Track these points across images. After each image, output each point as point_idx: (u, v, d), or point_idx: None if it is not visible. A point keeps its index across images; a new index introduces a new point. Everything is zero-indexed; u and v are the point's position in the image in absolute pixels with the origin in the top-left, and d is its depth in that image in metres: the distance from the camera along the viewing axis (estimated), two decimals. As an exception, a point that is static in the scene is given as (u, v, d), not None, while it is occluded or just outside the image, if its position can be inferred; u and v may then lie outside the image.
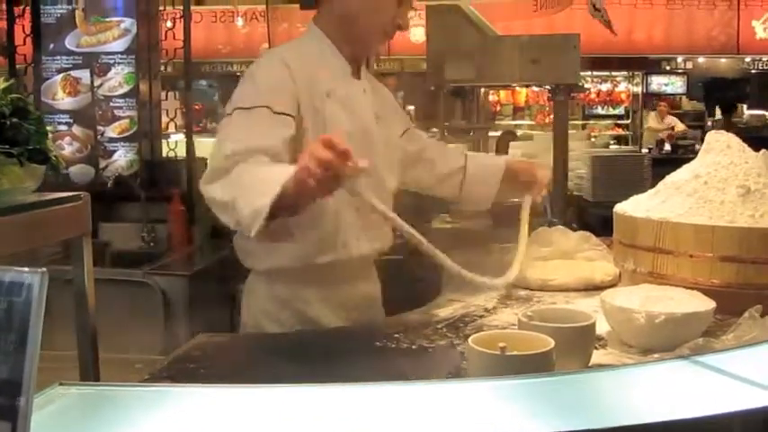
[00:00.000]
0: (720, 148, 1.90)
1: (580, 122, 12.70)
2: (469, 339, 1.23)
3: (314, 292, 1.93)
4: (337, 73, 1.96)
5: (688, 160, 1.99)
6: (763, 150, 1.90)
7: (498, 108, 12.64)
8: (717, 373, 1.18)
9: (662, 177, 2.00)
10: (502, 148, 6.48)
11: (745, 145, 1.92)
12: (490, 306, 1.90)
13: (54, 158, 1.42)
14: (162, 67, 4.35)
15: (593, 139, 8.11)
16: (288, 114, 1.79)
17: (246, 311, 1.99)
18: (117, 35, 4.21)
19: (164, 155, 4.41)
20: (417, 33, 10.58)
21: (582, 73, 3.95)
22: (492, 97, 12.03)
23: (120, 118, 4.24)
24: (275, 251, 1.88)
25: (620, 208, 1.97)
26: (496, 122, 12.10)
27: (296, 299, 1.93)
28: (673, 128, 11.33)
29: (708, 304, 1.56)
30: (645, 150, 9.51)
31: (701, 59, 12.59)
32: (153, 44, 4.27)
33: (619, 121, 13.28)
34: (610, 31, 5.34)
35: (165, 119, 4.45)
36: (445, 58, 3.48)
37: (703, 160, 1.92)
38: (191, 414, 1.04)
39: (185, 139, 4.24)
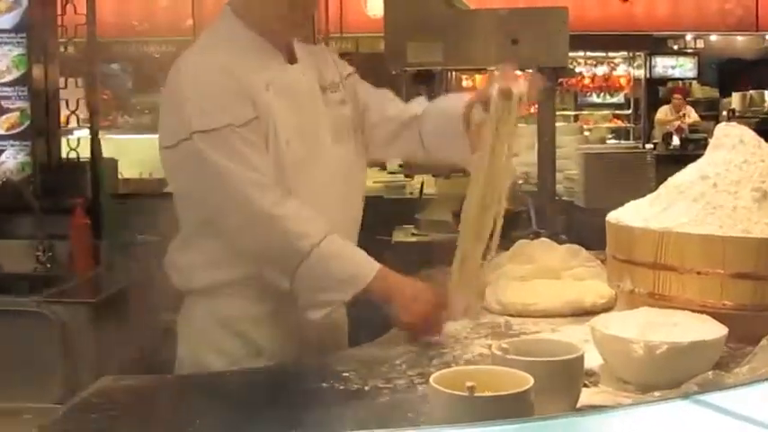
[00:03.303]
0: (732, 143, 1.93)
1: (571, 113, 12.86)
2: (431, 378, 1.23)
3: (263, 310, 2.00)
4: (270, 62, 2.02)
5: (701, 157, 2.01)
6: (782, 146, 1.94)
7: (473, 97, 12.75)
8: (728, 416, 1.19)
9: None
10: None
11: (761, 140, 1.95)
12: (460, 336, 1.91)
13: None
14: (61, 48, 4.30)
15: (586, 134, 8.19)
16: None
17: (184, 344, 2.06)
18: (3, 9, 4.15)
19: (63, 156, 4.35)
20: (375, 7, 10.63)
21: (572, 54, 4.00)
22: (465, 83, 12.11)
23: (7, 110, 4.18)
24: (218, 263, 1.98)
25: (615, 217, 1.99)
26: (472, 113, 12.17)
27: (243, 319, 1.99)
28: (683, 117, 11.50)
29: (719, 330, 1.58)
30: (649, 146, 9.65)
31: (713, 38, 12.83)
32: (48, 20, 4.22)
33: (618, 112, 13.46)
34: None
35: (64, 111, 4.39)
36: (407, 37, 3.50)
37: (712, 158, 1.95)
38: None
39: (90, 137, 4.19)
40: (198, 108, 1.89)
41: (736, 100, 12.43)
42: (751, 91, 12.35)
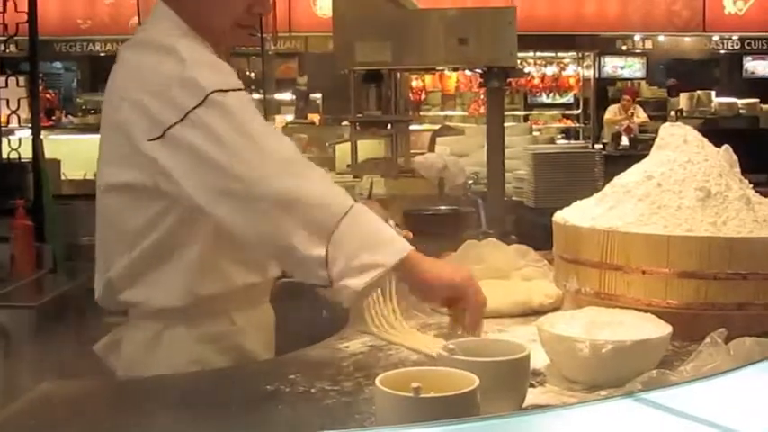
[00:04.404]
0: (676, 143, 1.96)
1: (521, 113, 12.96)
2: (377, 379, 1.24)
3: (243, 318, 1.95)
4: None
5: (647, 157, 2.04)
6: (725, 146, 1.97)
7: (423, 96, 12.78)
8: (673, 415, 1.20)
9: (620, 179, 2.05)
10: (433, 144, 6.56)
11: (705, 140, 1.98)
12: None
13: None
14: (1, 47, 4.23)
15: (536, 134, 8.28)
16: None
17: (122, 362, 1.95)
18: (-59, 6, 4.08)
19: (4, 156, 4.29)
20: (324, 6, 10.61)
21: (522, 54, 4.03)
22: (416, 83, 12.16)
23: (-54, 110, 4.11)
24: (156, 284, 1.86)
25: (562, 216, 2.01)
26: (422, 114, 12.21)
27: (223, 331, 1.93)
28: (631, 116, 11.63)
29: (663, 329, 1.60)
30: (598, 146, 9.75)
31: (661, 38, 13.01)
32: (-13, 17, 4.15)
33: (567, 112, 13.59)
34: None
35: (5, 111, 4.33)
36: (356, 37, 3.49)
37: (657, 158, 1.98)
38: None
39: (32, 137, 4.13)
40: (205, 71, 1.75)
41: (683, 100, 12.61)
42: (698, 91, 12.54)
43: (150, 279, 1.87)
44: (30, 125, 4.22)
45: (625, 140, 10.31)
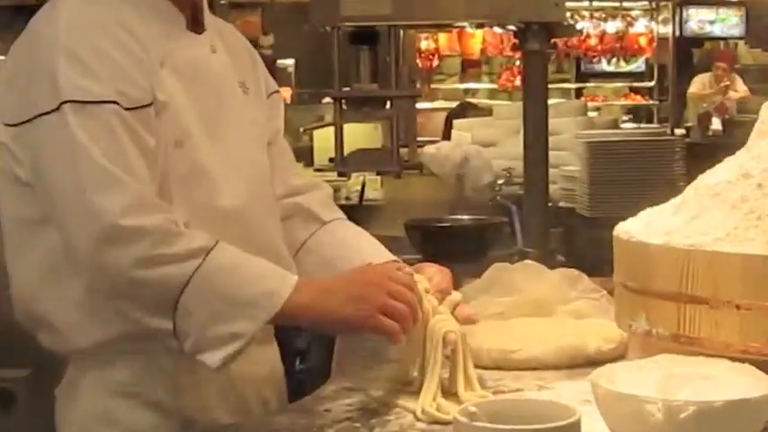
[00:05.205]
0: (786, 128, 1.97)
1: (572, 86, 12.95)
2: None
3: (175, 366, 1.98)
4: (166, 27, 2.02)
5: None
6: None
7: (436, 63, 12.80)
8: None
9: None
10: (449, 129, 6.51)
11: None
12: (412, 394, 1.91)
13: None
14: None
15: (592, 115, 8.25)
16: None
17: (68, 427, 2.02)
18: None
19: None
20: (297, -63, 10.57)
21: (572, 3, 4.03)
22: (426, 44, 12.16)
23: None
24: (102, 314, 1.93)
25: (625, 230, 2.02)
26: (434, 87, 12.18)
27: (149, 381, 1.98)
28: (726, 90, 11.59)
29: (765, 385, 1.60)
30: (680, 132, 9.74)
31: (768, -18, 12.97)
32: None
33: (636, 84, 13.56)
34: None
35: None
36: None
37: (758, 149, 1.99)
38: None
39: None
40: (76, 72, 1.87)
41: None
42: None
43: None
44: None
45: (717, 123, 10.26)
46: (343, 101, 3.91)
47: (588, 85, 13.43)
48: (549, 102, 3.94)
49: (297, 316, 1.89)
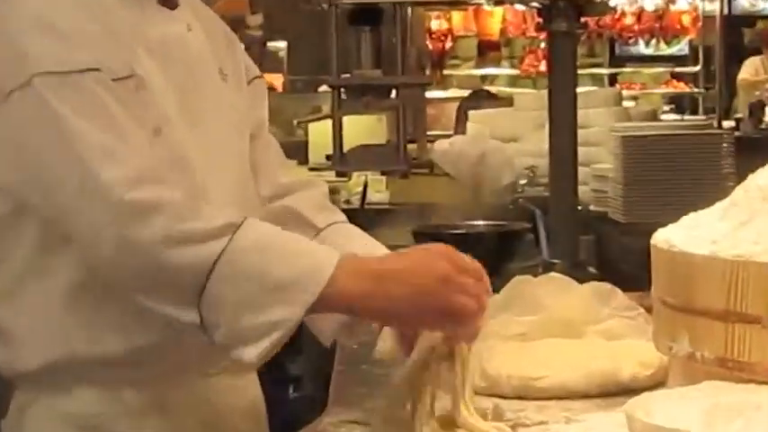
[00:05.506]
0: None
1: (605, 71, 12.97)
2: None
3: (140, 398, 1.97)
4: (135, 2, 2.02)
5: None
6: None
7: (449, 45, 12.82)
8: None
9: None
10: (463, 122, 6.54)
11: None
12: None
13: None
14: None
15: (629, 104, 8.26)
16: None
17: None
18: None
19: None
20: None
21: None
22: (437, 24, 12.19)
23: None
24: (62, 329, 1.93)
25: (665, 238, 2.01)
26: (447, 73, 12.21)
27: (110, 413, 1.96)
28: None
29: (827, 418, 1.60)
30: (729, 124, 9.74)
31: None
32: None
33: (678, 69, 13.57)
34: None
35: None
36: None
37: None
38: None
39: None
40: (48, 41, 1.87)
41: None
42: None
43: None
44: None
45: (771, 115, 10.29)
46: (342, 89, 3.92)
47: (624, 70, 13.46)
48: (579, 90, 3.94)
49: (343, 302, 1.83)
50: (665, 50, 13.82)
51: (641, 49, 13.82)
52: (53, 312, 1.93)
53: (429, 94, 8.88)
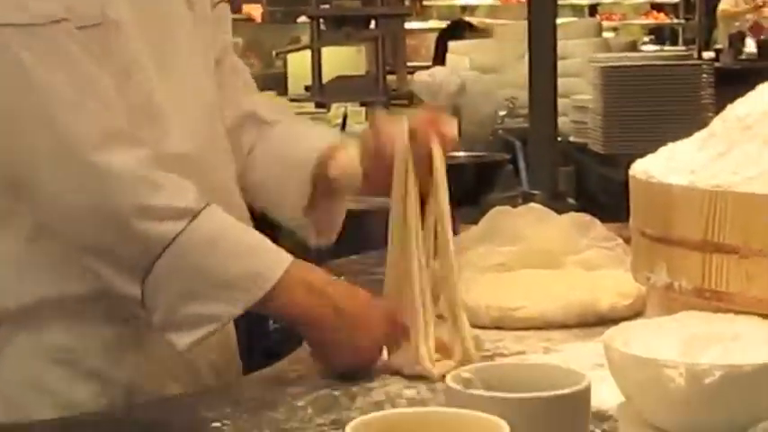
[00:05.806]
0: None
1: (585, 1, 12.93)
2: (348, 428, 1.24)
3: (117, 333, 1.99)
4: None
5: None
6: None
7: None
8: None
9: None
10: (443, 53, 6.53)
11: None
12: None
13: None
14: None
15: (608, 35, 8.24)
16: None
17: None
18: None
19: None
20: None
21: None
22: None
23: None
24: (44, 265, 1.94)
25: (643, 168, 2.01)
26: (425, 3, 12.17)
27: (86, 350, 1.98)
28: (761, 6, 11.59)
29: (803, 346, 1.60)
30: (708, 55, 9.74)
31: None
32: None
33: (658, 0, 13.54)
34: None
35: None
36: None
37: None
38: None
39: None
40: None
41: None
42: None
43: None
44: None
45: (751, 45, 10.29)
46: (321, 20, 3.91)
47: (603, 1, 13.40)
48: (559, 21, 3.93)
49: (281, 302, 1.88)
50: (646, -19, 13.79)
51: (621, -22, 13.77)
52: (19, 255, 1.94)
53: (408, 24, 8.87)
